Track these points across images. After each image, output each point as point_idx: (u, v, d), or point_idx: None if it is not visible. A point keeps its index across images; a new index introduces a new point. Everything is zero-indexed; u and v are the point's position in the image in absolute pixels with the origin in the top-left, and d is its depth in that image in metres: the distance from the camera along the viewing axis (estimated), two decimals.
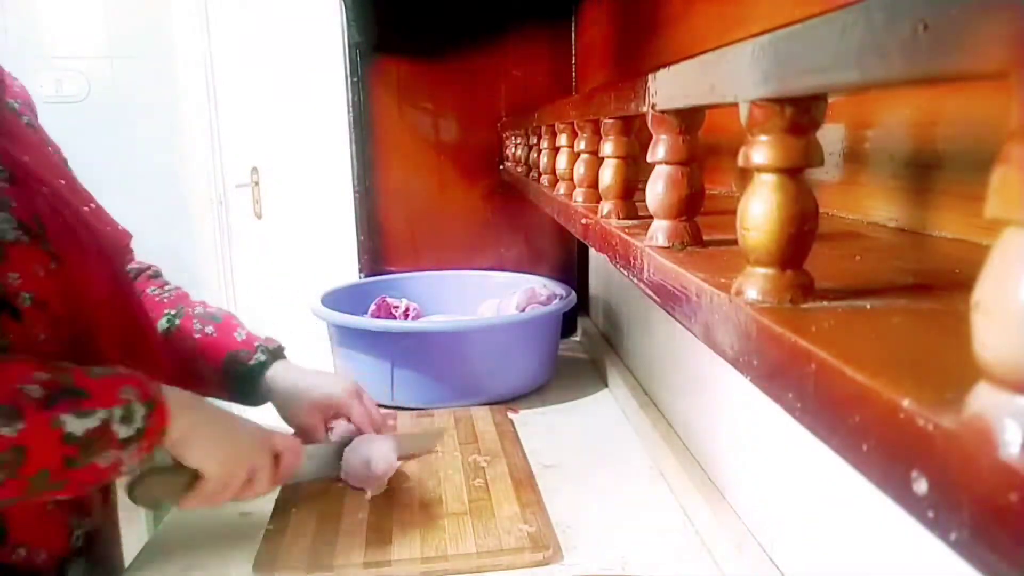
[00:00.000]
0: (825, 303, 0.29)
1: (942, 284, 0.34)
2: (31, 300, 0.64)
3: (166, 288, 0.95)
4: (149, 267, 0.97)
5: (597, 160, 0.58)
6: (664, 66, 0.40)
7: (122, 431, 0.61)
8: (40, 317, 0.66)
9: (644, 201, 0.44)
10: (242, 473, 0.72)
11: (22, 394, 0.57)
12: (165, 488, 0.71)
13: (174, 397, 0.67)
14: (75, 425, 0.58)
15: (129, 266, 0.93)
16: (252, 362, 0.91)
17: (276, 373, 0.91)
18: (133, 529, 0.74)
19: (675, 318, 0.38)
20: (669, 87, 0.40)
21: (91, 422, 0.59)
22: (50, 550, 0.70)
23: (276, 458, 0.76)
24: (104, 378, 0.63)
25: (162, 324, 0.90)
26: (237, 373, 0.90)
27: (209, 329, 0.91)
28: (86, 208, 0.76)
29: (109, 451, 0.61)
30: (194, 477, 0.69)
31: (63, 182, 0.75)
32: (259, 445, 0.75)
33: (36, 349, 0.65)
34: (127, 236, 0.87)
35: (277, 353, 0.94)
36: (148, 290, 0.93)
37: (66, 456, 0.58)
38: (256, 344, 0.92)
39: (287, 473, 0.78)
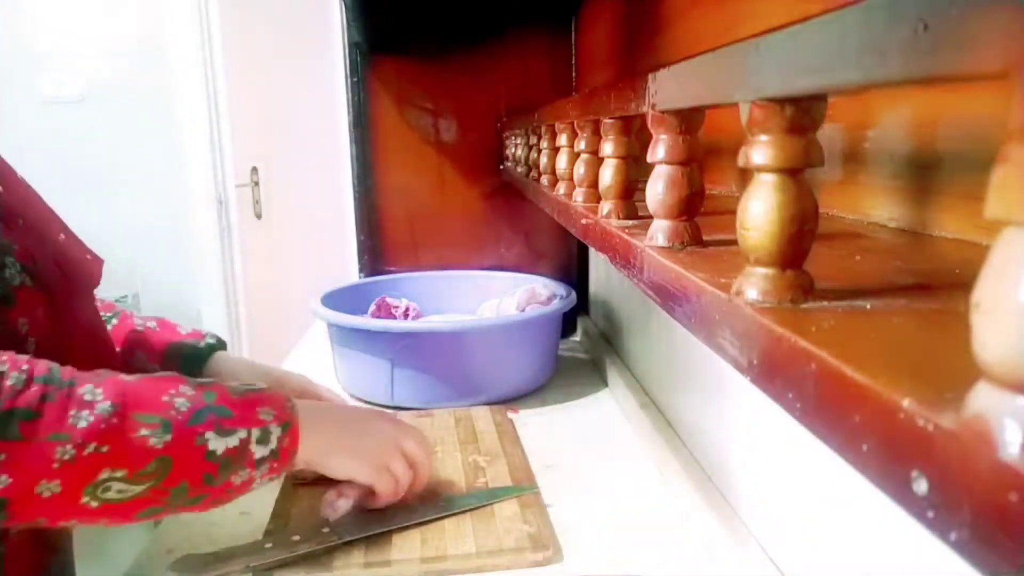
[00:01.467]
0: (825, 303, 0.29)
1: (942, 284, 0.34)
2: (35, 345, 0.63)
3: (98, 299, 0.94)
4: None
5: (597, 160, 0.58)
6: (664, 66, 0.40)
7: (259, 451, 0.63)
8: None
9: (644, 201, 0.44)
10: (397, 460, 0.75)
11: (172, 407, 0.59)
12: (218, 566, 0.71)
13: (306, 413, 0.68)
14: (217, 443, 0.60)
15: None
16: (201, 344, 0.89)
17: (222, 359, 0.89)
18: (133, 529, 0.74)
19: (675, 318, 0.38)
20: (669, 87, 0.40)
21: (232, 441, 0.61)
22: None
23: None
24: (245, 397, 0.64)
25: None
26: (181, 357, 0.87)
27: (151, 324, 0.90)
28: (60, 238, 0.73)
29: (245, 469, 0.62)
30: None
31: (33, 214, 0.72)
32: (393, 441, 0.76)
33: None
34: (98, 263, 0.82)
35: (223, 345, 0.92)
36: None
37: (206, 472, 0.60)
38: (204, 333, 0.91)
39: (419, 482, 0.79)
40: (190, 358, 0.88)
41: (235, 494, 0.64)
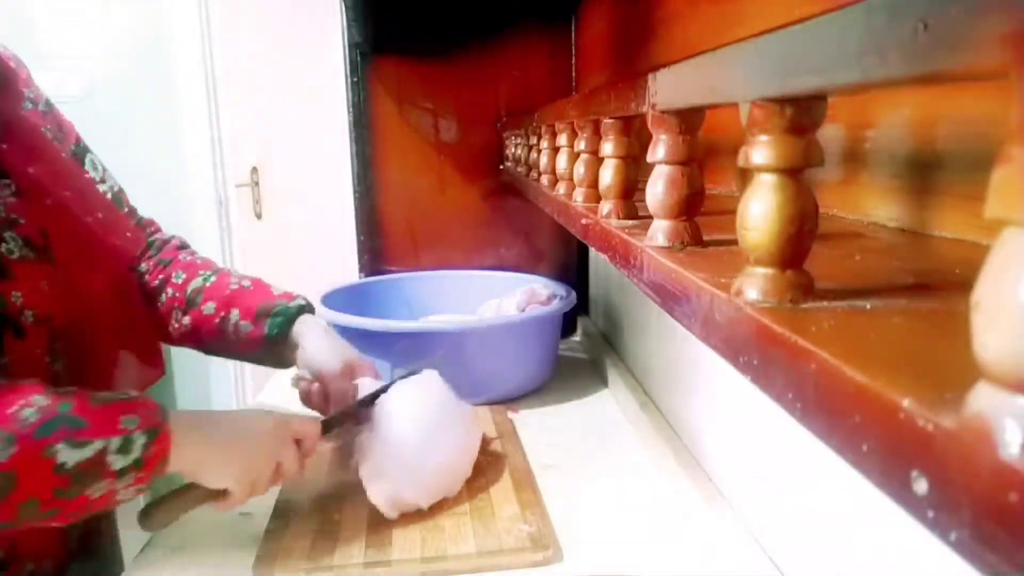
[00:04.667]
0: (825, 303, 0.29)
1: (942, 284, 0.34)
2: (34, 316, 0.64)
3: (196, 255, 0.96)
4: (174, 237, 0.98)
5: (597, 160, 0.58)
6: (664, 66, 0.40)
7: (117, 462, 0.59)
8: (42, 332, 0.66)
9: (644, 201, 0.44)
10: (266, 473, 0.72)
11: (17, 419, 0.56)
12: (184, 506, 0.70)
13: (182, 421, 0.65)
14: (67, 455, 0.57)
15: (154, 237, 0.95)
16: (291, 303, 0.88)
17: (307, 321, 0.89)
18: (133, 529, 0.74)
19: (675, 318, 0.38)
20: (669, 87, 0.40)
21: (85, 452, 0.58)
22: (51, 555, 0.70)
23: (297, 443, 0.75)
24: (106, 405, 0.61)
25: (197, 282, 0.89)
26: (272, 315, 0.87)
27: (246, 283, 0.90)
28: (90, 219, 0.76)
29: (102, 481, 0.59)
30: (216, 492, 0.69)
31: (68, 193, 0.74)
32: (276, 442, 0.73)
33: (36, 364, 0.65)
34: (137, 244, 0.87)
35: (311, 308, 0.91)
36: (179, 256, 0.93)
37: (55, 487, 0.57)
38: (295, 295, 0.91)
39: (308, 453, 0.77)
40: (280, 316, 0.87)
41: (95, 507, 0.61)
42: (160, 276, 0.90)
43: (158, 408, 0.64)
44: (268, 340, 0.86)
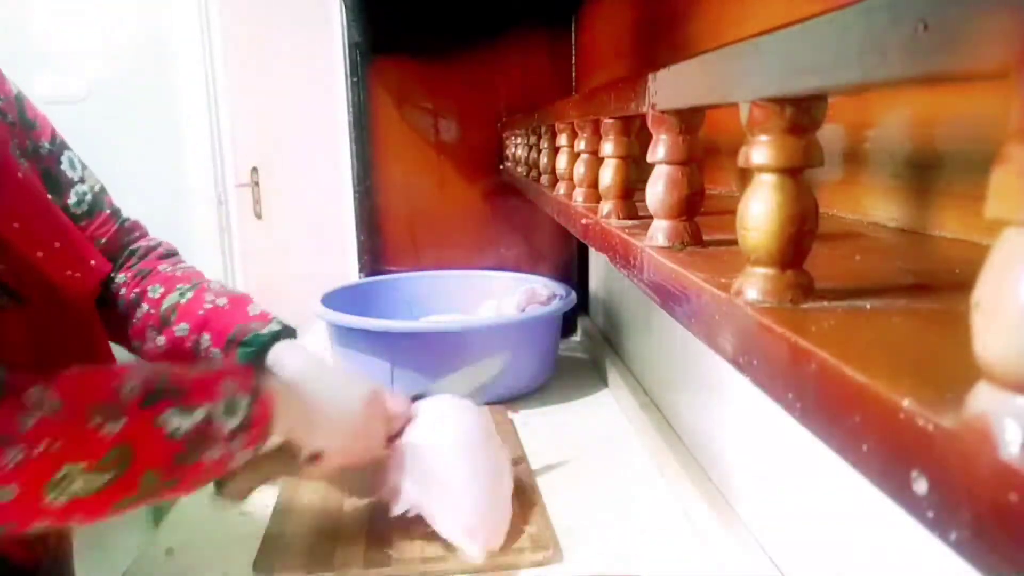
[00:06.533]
0: (825, 303, 0.29)
1: (942, 284, 0.34)
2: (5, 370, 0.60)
3: (179, 265, 0.87)
4: (160, 244, 0.89)
5: (597, 160, 0.58)
6: (664, 66, 0.40)
7: (228, 424, 0.61)
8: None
9: (644, 201, 0.44)
10: (363, 440, 0.73)
11: (119, 393, 0.57)
12: (261, 476, 0.70)
13: (281, 385, 0.67)
14: (178, 422, 0.58)
15: (137, 244, 0.87)
16: (264, 330, 0.78)
17: (285, 349, 0.77)
18: (133, 529, 0.74)
19: (675, 318, 0.38)
20: (669, 87, 0.40)
21: (195, 418, 0.59)
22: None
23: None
24: (202, 374, 0.62)
25: (172, 298, 0.81)
26: (242, 344, 0.78)
27: (221, 301, 0.81)
28: (41, 253, 0.68)
29: (217, 444, 0.60)
30: (303, 456, 0.69)
31: (16, 225, 0.67)
32: (373, 411, 0.74)
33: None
34: (96, 274, 0.75)
35: (292, 333, 0.81)
36: (159, 267, 0.85)
37: (175, 453, 0.58)
38: (271, 317, 0.81)
39: (393, 432, 0.77)
40: (250, 346, 0.78)
41: (213, 473, 0.62)
42: (136, 289, 0.82)
43: (252, 371, 0.66)
44: None
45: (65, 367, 0.65)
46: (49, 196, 0.76)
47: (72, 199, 0.80)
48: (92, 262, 0.72)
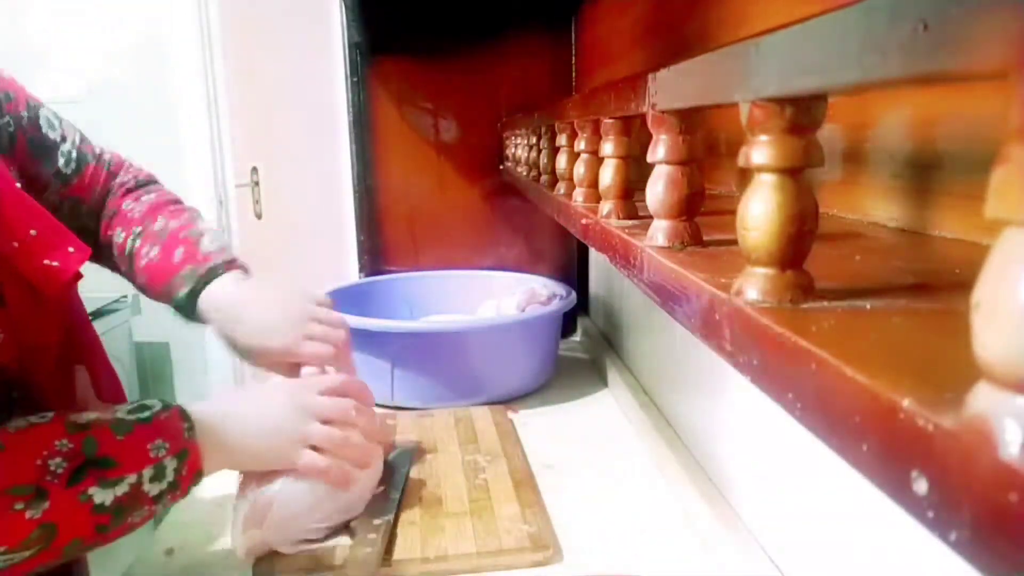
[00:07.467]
0: (825, 303, 0.29)
1: (942, 284, 0.34)
2: None
3: (141, 199, 0.85)
4: (131, 178, 0.87)
5: (597, 160, 0.58)
6: (664, 66, 0.40)
7: (154, 489, 0.60)
8: None
9: (644, 201, 0.44)
10: (301, 439, 0.72)
11: (46, 471, 0.55)
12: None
13: (207, 426, 0.65)
14: (104, 495, 0.57)
15: (119, 179, 0.86)
16: (181, 293, 0.78)
17: (210, 300, 0.78)
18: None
19: (675, 318, 0.38)
20: (669, 87, 0.40)
21: (120, 489, 0.58)
22: None
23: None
24: (132, 436, 0.60)
25: (129, 243, 0.82)
26: (174, 301, 0.79)
27: (154, 252, 0.81)
28: (15, 244, 0.64)
29: (143, 508, 0.60)
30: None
31: None
32: (295, 412, 0.73)
33: None
34: (75, 262, 0.70)
35: (210, 274, 0.79)
36: (123, 206, 0.85)
37: (97, 524, 0.57)
38: (196, 260, 0.79)
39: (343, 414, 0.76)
40: (176, 302, 0.80)
41: (137, 527, 0.61)
42: (109, 232, 0.83)
43: (182, 425, 0.63)
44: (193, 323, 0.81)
45: (47, 366, 0.65)
46: (42, 166, 0.76)
47: (61, 161, 0.79)
48: (71, 248, 0.68)
